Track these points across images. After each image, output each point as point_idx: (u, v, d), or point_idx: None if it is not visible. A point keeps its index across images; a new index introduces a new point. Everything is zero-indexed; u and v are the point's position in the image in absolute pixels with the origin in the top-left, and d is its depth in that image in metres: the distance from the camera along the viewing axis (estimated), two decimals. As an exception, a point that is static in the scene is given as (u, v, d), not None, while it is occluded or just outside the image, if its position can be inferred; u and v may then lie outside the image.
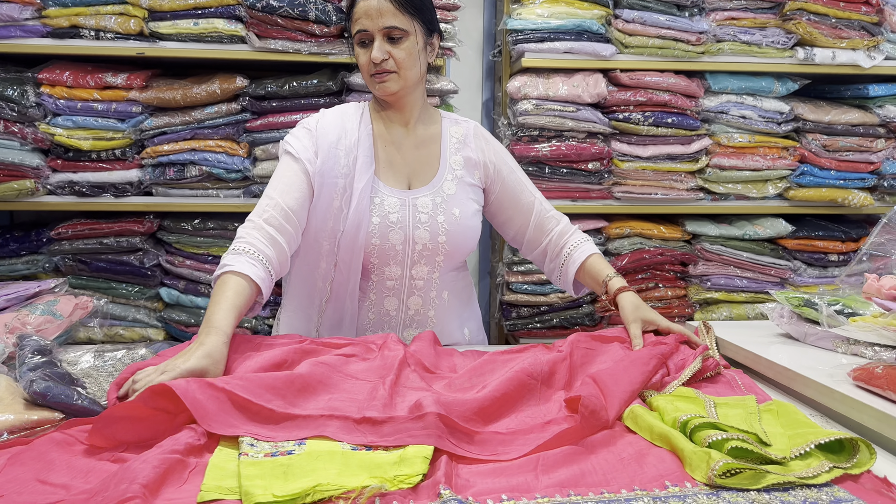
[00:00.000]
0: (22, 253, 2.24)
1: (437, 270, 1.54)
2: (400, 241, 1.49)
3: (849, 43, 2.41)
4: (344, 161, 1.50)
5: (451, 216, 1.52)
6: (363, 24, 1.45)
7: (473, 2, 2.79)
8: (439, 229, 1.51)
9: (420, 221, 1.50)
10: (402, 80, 1.48)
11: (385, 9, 1.43)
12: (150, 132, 2.19)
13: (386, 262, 1.50)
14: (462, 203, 1.55)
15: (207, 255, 2.28)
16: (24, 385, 1.07)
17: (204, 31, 2.15)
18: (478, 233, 1.59)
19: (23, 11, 2.07)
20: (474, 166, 1.59)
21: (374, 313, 1.54)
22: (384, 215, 1.48)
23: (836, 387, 1.14)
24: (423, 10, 1.47)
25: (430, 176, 1.56)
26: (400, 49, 1.45)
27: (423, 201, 1.51)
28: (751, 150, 2.44)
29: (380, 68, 1.45)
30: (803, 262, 2.50)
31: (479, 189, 1.61)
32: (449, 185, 1.55)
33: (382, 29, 1.44)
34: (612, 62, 2.37)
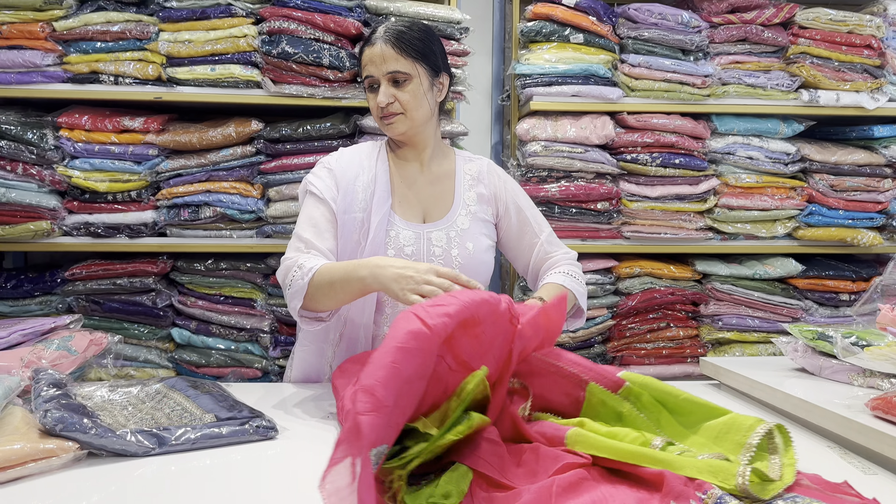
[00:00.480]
0: (36, 294, 2.26)
1: None
2: None
3: (852, 85, 2.45)
4: (362, 196, 1.54)
5: (464, 250, 1.56)
6: (369, 70, 1.53)
7: (483, 48, 2.85)
8: (453, 262, 1.54)
9: (434, 255, 1.53)
10: (409, 120, 1.54)
11: (388, 55, 1.50)
12: (166, 174, 2.23)
13: None
14: (475, 238, 1.59)
15: (219, 295, 2.29)
16: (39, 416, 1.08)
17: (220, 76, 2.20)
18: (491, 268, 1.62)
19: (45, 58, 2.13)
20: (487, 202, 1.64)
21: None
22: (399, 248, 1.52)
23: (855, 417, 1.13)
24: (426, 53, 1.54)
25: (444, 211, 1.60)
26: (404, 92, 1.52)
27: (438, 235, 1.55)
28: (759, 190, 2.46)
29: (387, 111, 1.52)
30: (815, 302, 2.49)
31: (491, 225, 1.65)
32: (463, 219, 1.59)
33: (386, 74, 1.51)
34: (619, 105, 2.41)
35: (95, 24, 2.15)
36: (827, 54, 2.44)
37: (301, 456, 1.12)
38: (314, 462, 1.09)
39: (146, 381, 1.40)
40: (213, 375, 2.26)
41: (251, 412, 1.23)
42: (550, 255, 1.66)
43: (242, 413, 1.21)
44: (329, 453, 0.81)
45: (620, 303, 2.42)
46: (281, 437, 1.19)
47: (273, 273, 2.30)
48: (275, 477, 1.03)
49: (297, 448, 1.15)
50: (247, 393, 1.46)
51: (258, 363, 2.27)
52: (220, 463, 1.08)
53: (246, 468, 1.06)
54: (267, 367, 2.28)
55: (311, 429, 1.25)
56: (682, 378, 2.44)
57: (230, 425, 1.16)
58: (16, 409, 1.14)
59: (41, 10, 2.14)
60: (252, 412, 1.23)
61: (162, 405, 1.28)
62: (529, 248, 1.66)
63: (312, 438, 1.20)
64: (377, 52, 1.51)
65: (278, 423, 1.22)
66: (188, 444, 1.11)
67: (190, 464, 1.07)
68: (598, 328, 2.42)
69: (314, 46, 2.18)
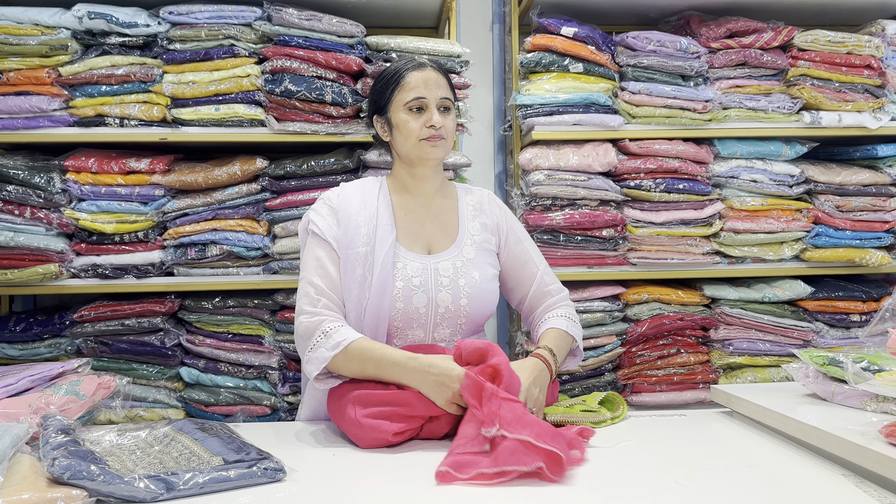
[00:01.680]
0: (45, 336, 2.26)
1: (459, 333, 1.59)
2: (423, 304, 1.53)
3: (854, 105, 2.45)
4: (365, 230, 1.56)
5: (471, 279, 1.58)
6: (421, 91, 1.58)
7: (484, 80, 2.88)
8: (461, 292, 1.56)
9: (442, 285, 1.55)
10: (447, 146, 1.62)
11: (441, 82, 1.61)
12: (172, 214, 2.24)
13: (409, 325, 1.54)
14: (481, 267, 1.62)
15: (227, 332, 2.29)
16: (47, 464, 1.08)
17: (225, 116, 2.23)
18: (496, 296, 1.65)
19: (51, 103, 2.17)
20: (490, 232, 1.68)
21: None
22: (407, 279, 1.53)
23: (869, 445, 1.12)
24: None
25: (449, 241, 1.63)
26: (449, 119, 1.61)
27: (445, 265, 1.58)
28: (764, 213, 2.45)
29: (437, 133, 1.58)
30: (825, 324, 2.47)
31: (494, 254, 1.69)
32: (468, 249, 1.63)
33: (439, 99, 1.59)
34: (621, 132, 2.42)
35: (100, 69, 2.18)
36: (827, 75, 2.45)
37: (309, 497, 1.11)
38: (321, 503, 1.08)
39: (154, 424, 1.40)
40: (223, 414, 2.25)
41: (259, 454, 1.22)
42: (547, 288, 1.70)
43: (250, 455, 1.21)
44: (336, 493, 0.81)
45: (629, 330, 2.41)
46: (289, 478, 1.19)
47: (281, 309, 2.31)
48: (283, 521, 1.02)
49: (305, 489, 1.14)
50: (256, 433, 1.45)
51: (267, 400, 2.27)
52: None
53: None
54: (276, 405, 2.27)
55: (320, 469, 1.25)
56: (694, 405, 2.41)
57: (238, 468, 1.16)
58: (24, 458, 1.13)
59: (47, 56, 2.17)
60: (260, 454, 1.22)
61: (170, 448, 1.27)
62: (529, 279, 1.70)
63: (320, 479, 1.19)
64: (432, 77, 1.59)
65: (287, 464, 1.21)
66: (196, 489, 1.11)
67: (198, 509, 1.06)
68: (608, 356, 2.41)
69: (317, 84, 2.21)
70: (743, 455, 1.31)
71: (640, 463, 1.27)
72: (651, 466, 1.25)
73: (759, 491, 1.12)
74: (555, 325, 1.62)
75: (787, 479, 1.17)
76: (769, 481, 1.17)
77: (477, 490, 1.13)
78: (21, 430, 1.18)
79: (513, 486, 1.14)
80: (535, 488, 1.14)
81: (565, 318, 1.64)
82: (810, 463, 1.23)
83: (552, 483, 1.14)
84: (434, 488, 1.14)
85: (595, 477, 1.18)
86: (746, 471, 1.21)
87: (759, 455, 1.31)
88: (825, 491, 1.11)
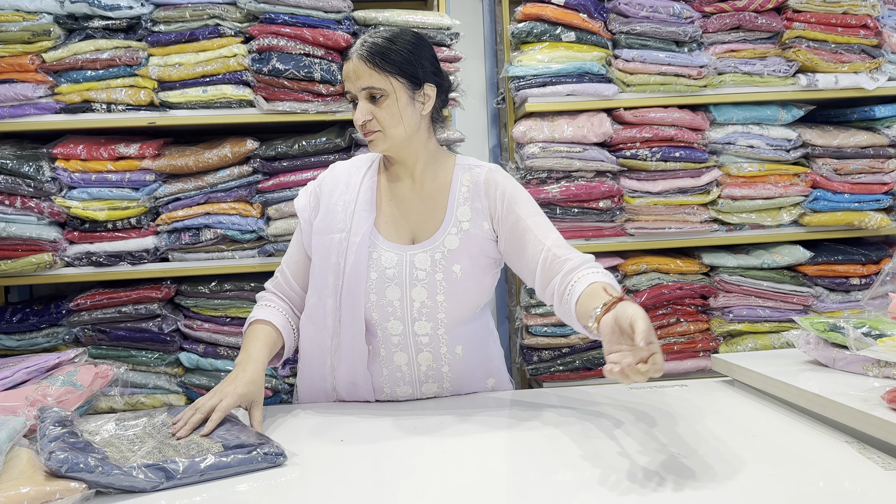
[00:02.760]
0: (42, 326, 2.25)
1: (441, 327, 1.50)
2: (397, 297, 1.48)
3: (850, 66, 2.42)
4: (342, 216, 1.52)
5: (450, 274, 1.48)
6: (347, 86, 1.48)
7: (475, 52, 2.84)
8: (437, 288, 1.48)
9: (417, 279, 1.48)
10: (388, 138, 1.47)
11: (361, 70, 1.44)
12: (165, 199, 2.22)
13: (386, 317, 1.48)
14: (464, 259, 1.49)
15: (225, 317, 2.28)
16: (44, 457, 1.07)
17: (213, 97, 2.19)
18: (485, 288, 1.54)
19: (36, 90, 2.13)
20: (483, 217, 1.52)
21: (388, 369, 1.52)
22: (381, 270, 1.47)
23: (871, 411, 1.11)
24: (403, 65, 1.45)
25: (432, 230, 1.52)
26: (381, 109, 1.45)
27: (422, 258, 1.48)
28: (761, 178, 2.43)
29: (365, 129, 1.47)
30: (825, 288, 2.46)
31: (488, 241, 1.52)
32: (452, 239, 1.50)
33: (362, 90, 1.45)
34: (616, 101, 2.39)
35: (85, 53, 2.15)
36: (823, 37, 2.41)
37: (310, 482, 1.11)
38: (323, 489, 1.07)
39: (153, 412, 1.39)
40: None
41: (259, 438, 1.21)
42: (560, 258, 1.45)
43: (250, 440, 1.20)
44: (338, 477, 0.80)
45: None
46: (290, 462, 1.18)
47: (277, 291, 2.30)
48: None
49: (305, 474, 1.14)
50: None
51: (268, 383, 2.26)
52: (228, 494, 1.06)
53: (253, 499, 1.05)
54: (277, 387, 2.27)
55: (321, 454, 1.24)
56: (695, 373, 2.41)
57: (237, 453, 1.15)
58: (22, 451, 1.12)
59: (30, 43, 2.13)
60: (260, 438, 1.21)
61: (169, 437, 1.26)
62: (534, 256, 1.47)
63: (322, 464, 1.18)
64: (351, 68, 1.45)
65: (287, 448, 1.20)
66: (196, 477, 1.10)
67: (198, 497, 1.06)
68: (608, 327, 2.40)
69: (305, 61, 2.17)
70: (744, 424, 1.31)
71: (640, 435, 1.26)
72: (651, 436, 1.24)
73: (762, 460, 1.11)
74: (593, 279, 1.35)
75: (790, 447, 1.17)
76: (771, 450, 1.16)
77: (483, 472, 1.13)
78: (18, 424, 1.17)
79: (514, 464, 1.14)
80: (538, 463, 1.13)
81: (596, 272, 1.40)
82: (813, 430, 1.23)
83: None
84: (438, 475, 1.13)
85: (595, 450, 1.18)
86: (748, 439, 1.21)
87: (761, 423, 1.30)
88: (828, 458, 1.11)
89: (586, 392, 1.61)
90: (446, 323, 1.50)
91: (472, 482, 1.09)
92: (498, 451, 1.24)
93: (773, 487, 1.00)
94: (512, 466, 1.17)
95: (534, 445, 1.24)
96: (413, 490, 1.06)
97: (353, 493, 1.06)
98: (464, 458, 1.19)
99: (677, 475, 1.06)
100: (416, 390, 1.53)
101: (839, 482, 1.03)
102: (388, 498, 1.05)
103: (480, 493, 1.05)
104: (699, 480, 1.04)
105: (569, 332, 2.40)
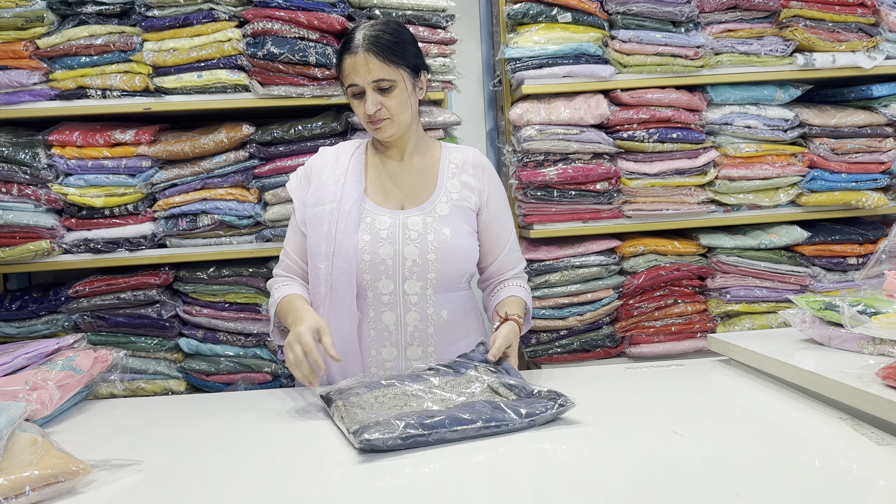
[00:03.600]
0: (41, 313, 2.26)
1: (430, 287, 1.59)
2: (390, 255, 1.57)
3: (848, 45, 2.41)
4: (332, 189, 1.62)
5: (440, 235, 1.58)
6: (353, 79, 1.56)
7: (471, 34, 2.82)
8: (429, 247, 1.57)
9: (410, 238, 1.58)
10: (397, 124, 1.59)
11: (372, 64, 1.53)
12: (161, 185, 2.22)
13: (377, 277, 1.57)
14: (454, 224, 1.61)
15: (224, 302, 2.29)
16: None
17: (208, 82, 2.18)
18: (471, 254, 1.64)
19: (31, 77, 2.12)
20: (470, 191, 1.66)
21: (375, 330, 1.59)
22: (374, 232, 1.57)
23: (866, 388, 1.12)
24: (406, 56, 1.57)
25: (423, 198, 1.63)
26: (391, 98, 1.56)
27: (414, 220, 1.60)
28: (759, 159, 2.43)
29: (374, 118, 1.57)
30: (822, 268, 2.46)
31: (472, 213, 1.66)
32: (442, 206, 1.62)
33: (372, 83, 1.54)
34: (612, 82, 2.38)
35: (79, 39, 2.14)
36: (820, 15, 2.40)
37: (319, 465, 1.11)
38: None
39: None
40: (224, 382, 2.26)
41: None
42: (513, 255, 1.73)
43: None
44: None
45: (626, 282, 2.41)
46: (294, 445, 1.19)
47: (276, 276, 2.30)
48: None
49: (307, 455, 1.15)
50: (257, 400, 1.45)
51: (268, 367, 2.27)
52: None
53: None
54: (277, 371, 2.28)
55: (330, 433, 1.25)
56: (692, 354, 2.42)
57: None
58: (23, 435, 1.13)
59: (23, 29, 2.12)
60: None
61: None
62: (500, 246, 1.70)
63: (326, 442, 1.19)
64: (360, 62, 1.53)
65: (294, 430, 1.21)
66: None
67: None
68: (605, 309, 2.41)
69: (300, 45, 2.16)
70: (740, 402, 1.32)
71: (636, 413, 1.27)
72: (648, 416, 1.25)
73: (757, 437, 1.12)
74: (516, 293, 1.69)
75: (785, 425, 1.18)
76: (767, 427, 1.17)
77: (480, 449, 1.14)
78: (19, 408, 1.18)
79: (512, 441, 1.15)
80: (535, 443, 1.14)
81: (523, 288, 1.72)
82: (808, 408, 1.24)
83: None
84: (441, 454, 1.14)
85: (592, 428, 1.19)
86: (744, 417, 1.22)
87: (757, 402, 1.31)
88: (823, 434, 1.12)
89: (584, 372, 1.62)
90: (435, 283, 1.59)
91: (470, 459, 1.09)
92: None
93: (768, 464, 1.01)
94: (510, 443, 1.18)
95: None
96: (420, 469, 1.07)
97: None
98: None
99: (672, 452, 1.07)
100: (401, 353, 1.60)
101: (833, 458, 1.04)
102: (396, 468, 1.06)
103: (476, 466, 1.06)
104: (694, 457, 1.05)
105: (566, 315, 2.40)
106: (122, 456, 1.13)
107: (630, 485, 0.97)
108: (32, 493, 0.98)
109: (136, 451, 1.16)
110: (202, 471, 1.11)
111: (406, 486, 1.00)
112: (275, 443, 1.23)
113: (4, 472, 0.98)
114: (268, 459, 1.14)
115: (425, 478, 1.03)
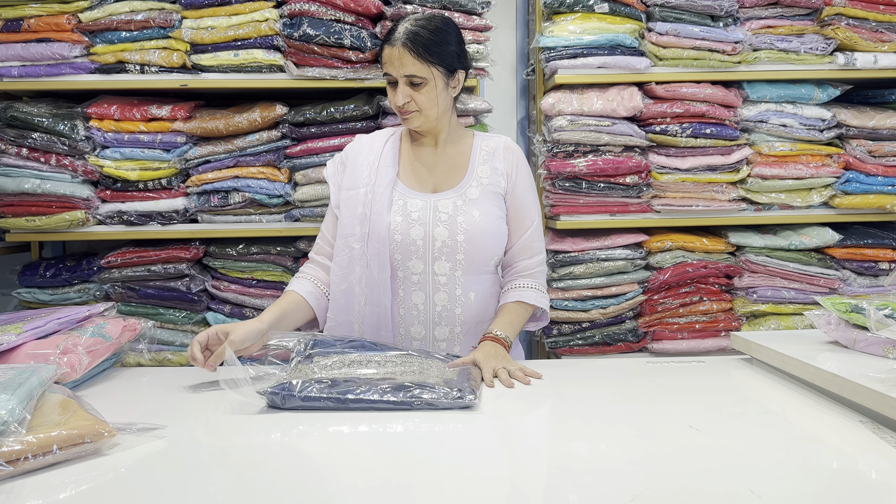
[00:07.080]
0: (74, 282, 2.31)
1: (459, 269, 1.63)
2: (420, 236, 1.62)
3: (891, 46, 2.35)
4: (367, 173, 1.68)
5: (470, 217, 1.63)
6: (388, 69, 1.63)
7: (506, 21, 2.81)
8: (458, 228, 1.62)
9: (440, 220, 1.63)
10: (424, 117, 1.65)
11: (406, 59, 1.59)
12: (195, 161, 2.25)
13: (408, 257, 1.62)
14: (484, 207, 1.65)
15: (252, 279, 2.32)
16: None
17: (244, 61, 2.21)
18: (500, 237, 1.68)
19: (72, 49, 2.17)
20: (500, 175, 1.69)
21: (404, 309, 1.65)
22: (406, 214, 1.63)
23: (888, 392, 1.11)
24: (442, 55, 1.61)
25: (455, 183, 1.68)
26: (420, 94, 1.61)
27: (445, 203, 1.65)
28: (793, 158, 2.40)
29: (403, 109, 1.63)
30: (853, 272, 2.43)
31: (502, 198, 1.70)
32: (473, 190, 1.67)
33: (404, 76, 1.60)
34: (647, 75, 2.36)
35: (120, 14, 2.17)
36: (863, 14, 2.35)
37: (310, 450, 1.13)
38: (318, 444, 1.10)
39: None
40: (251, 358, 2.29)
41: None
42: (532, 245, 1.71)
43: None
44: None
45: (651, 277, 2.39)
46: (304, 429, 1.21)
47: (303, 256, 2.33)
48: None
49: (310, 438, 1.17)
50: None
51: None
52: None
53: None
54: (299, 349, 2.31)
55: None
56: (715, 352, 2.41)
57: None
58: (52, 396, 1.17)
59: (66, 3, 2.17)
60: None
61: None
62: (521, 231, 1.70)
63: (342, 416, 1.21)
64: (396, 55, 1.59)
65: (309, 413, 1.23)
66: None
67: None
68: (629, 303, 2.40)
69: (335, 27, 2.18)
70: (760, 401, 1.31)
71: (653, 407, 1.27)
72: (665, 410, 1.25)
73: (774, 436, 1.12)
74: (520, 297, 1.68)
75: (804, 425, 1.17)
76: (785, 426, 1.16)
77: (495, 434, 1.15)
78: (49, 371, 1.22)
79: (527, 427, 1.15)
80: (555, 427, 1.15)
81: (534, 289, 1.70)
82: (828, 409, 1.23)
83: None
84: (452, 433, 1.16)
85: (610, 422, 1.19)
86: (763, 416, 1.21)
87: (776, 401, 1.30)
88: (842, 437, 1.11)
89: (604, 364, 1.62)
90: (464, 265, 1.63)
91: (483, 444, 1.11)
92: (512, 413, 1.26)
93: (783, 462, 1.01)
94: (524, 429, 1.19)
95: (552, 411, 1.26)
96: (431, 455, 1.08)
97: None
98: (477, 419, 1.21)
99: (687, 446, 1.07)
100: (428, 332, 1.65)
101: (851, 461, 1.03)
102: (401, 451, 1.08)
103: (492, 456, 1.07)
104: (708, 452, 1.05)
105: (589, 307, 2.40)
106: (146, 421, 1.16)
107: (643, 476, 0.97)
108: (59, 451, 1.01)
109: (159, 418, 1.19)
110: (225, 440, 1.14)
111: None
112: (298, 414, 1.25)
113: (34, 431, 1.02)
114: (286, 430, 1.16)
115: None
